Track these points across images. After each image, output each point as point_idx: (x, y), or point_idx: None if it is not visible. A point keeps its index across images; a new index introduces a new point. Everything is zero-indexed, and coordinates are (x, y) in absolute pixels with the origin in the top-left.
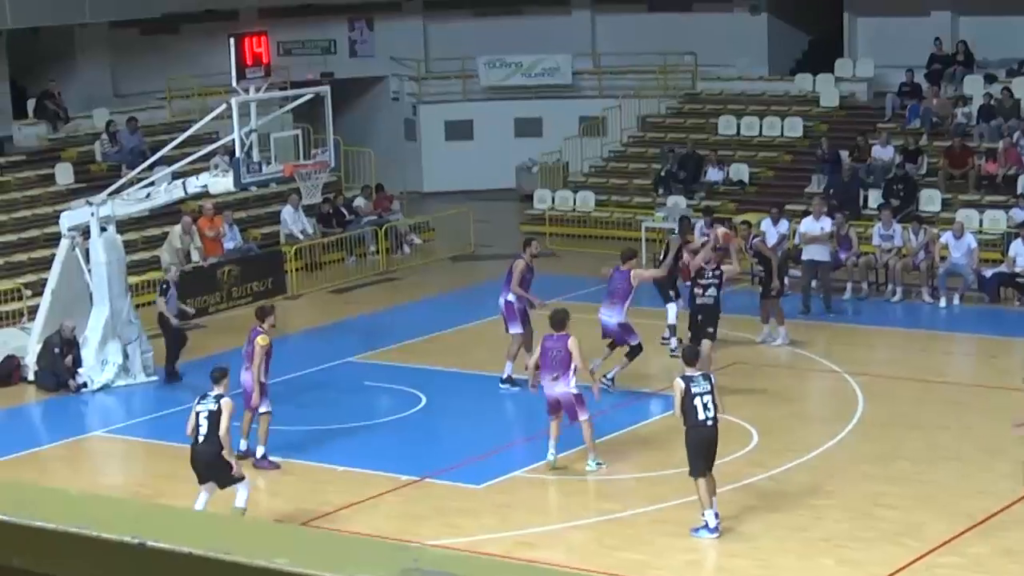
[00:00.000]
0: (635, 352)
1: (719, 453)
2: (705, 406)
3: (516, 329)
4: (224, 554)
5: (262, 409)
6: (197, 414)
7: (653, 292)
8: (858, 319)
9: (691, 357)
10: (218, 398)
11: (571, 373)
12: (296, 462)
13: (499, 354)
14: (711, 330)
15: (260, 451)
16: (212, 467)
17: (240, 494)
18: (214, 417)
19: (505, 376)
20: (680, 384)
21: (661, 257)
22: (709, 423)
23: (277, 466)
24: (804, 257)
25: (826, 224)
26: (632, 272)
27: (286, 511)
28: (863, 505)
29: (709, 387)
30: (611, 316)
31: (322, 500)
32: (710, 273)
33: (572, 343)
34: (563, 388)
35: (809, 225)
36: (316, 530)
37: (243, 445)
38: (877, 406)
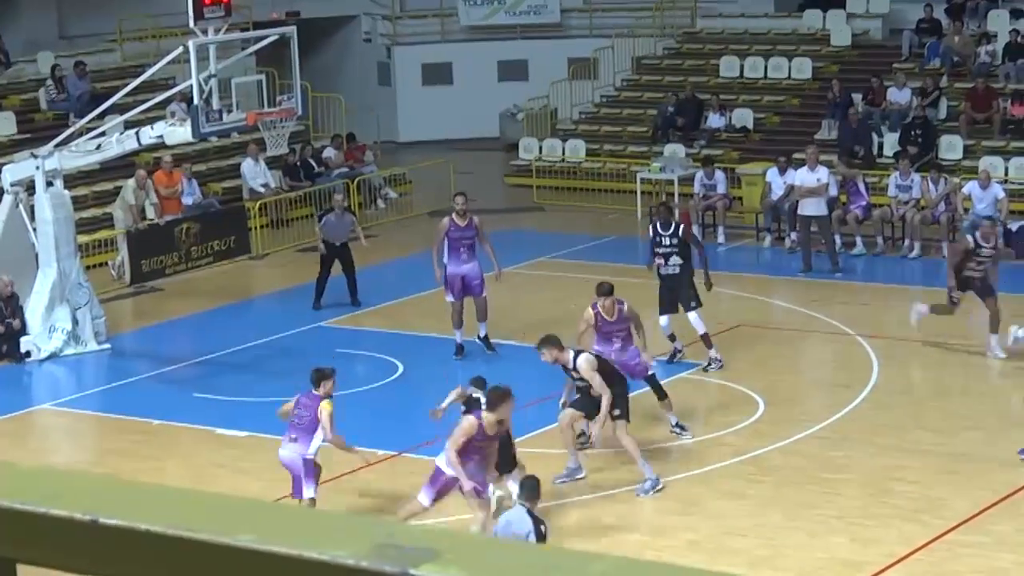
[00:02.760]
0: None
1: (723, 423)
2: None
3: (448, 297)
4: (184, 531)
5: (309, 495)
6: None
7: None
8: (872, 277)
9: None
10: None
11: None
12: (263, 436)
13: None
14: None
15: None
16: None
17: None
18: None
19: (458, 343)
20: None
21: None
22: None
23: None
24: (800, 212)
25: (822, 174)
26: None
27: (253, 490)
28: (878, 479)
29: None
30: None
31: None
32: (667, 241)
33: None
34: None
35: (804, 176)
36: (283, 505)
37: None
38: (893, 372)
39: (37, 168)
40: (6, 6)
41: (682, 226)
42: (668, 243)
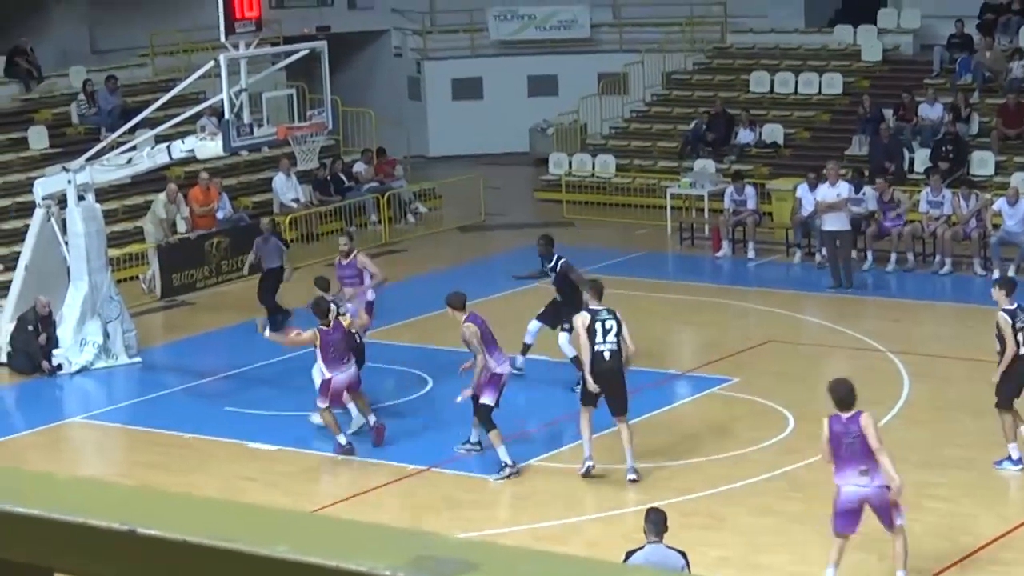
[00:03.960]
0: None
1: (753, 439)
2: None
3: None
4: (221, 541)
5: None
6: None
7: (680, 265)
8: (903, 293)
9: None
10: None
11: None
12: (292, 450)
13: (513, 332)
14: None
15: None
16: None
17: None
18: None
19: None
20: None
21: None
22: None
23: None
24: (824, 227)
25: (843, 190)
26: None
27: (282, 504)
28: (909, 496)
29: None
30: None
31: (320, 492)
32: (550, 273)
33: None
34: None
35: (824, 192)
36: (320, 515)
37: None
38: (924, 388)
39: (69, 182)
40: (38, 20)
41: (562, 260)
42: (551, 275)
